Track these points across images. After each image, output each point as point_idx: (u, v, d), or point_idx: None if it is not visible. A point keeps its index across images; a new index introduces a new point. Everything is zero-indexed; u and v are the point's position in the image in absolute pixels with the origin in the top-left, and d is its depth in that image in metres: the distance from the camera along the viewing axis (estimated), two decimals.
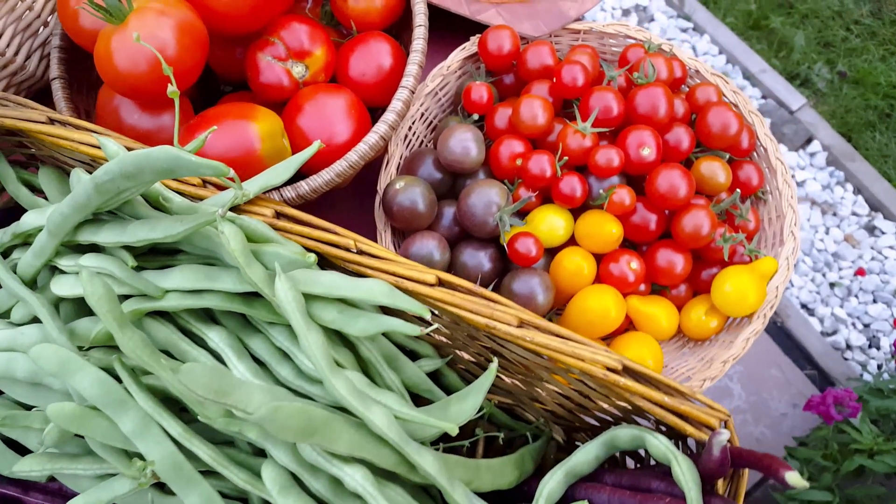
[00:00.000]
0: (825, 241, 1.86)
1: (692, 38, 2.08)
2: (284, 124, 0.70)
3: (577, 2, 0.82)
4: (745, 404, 1.74)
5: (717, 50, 2.06)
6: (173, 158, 0.48)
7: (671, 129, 0.72)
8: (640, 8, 2.14)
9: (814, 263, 1.83)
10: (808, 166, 1.93)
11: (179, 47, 0.63)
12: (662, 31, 2.09)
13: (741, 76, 2.03)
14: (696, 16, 2.09)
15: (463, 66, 0.80)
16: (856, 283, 1.82)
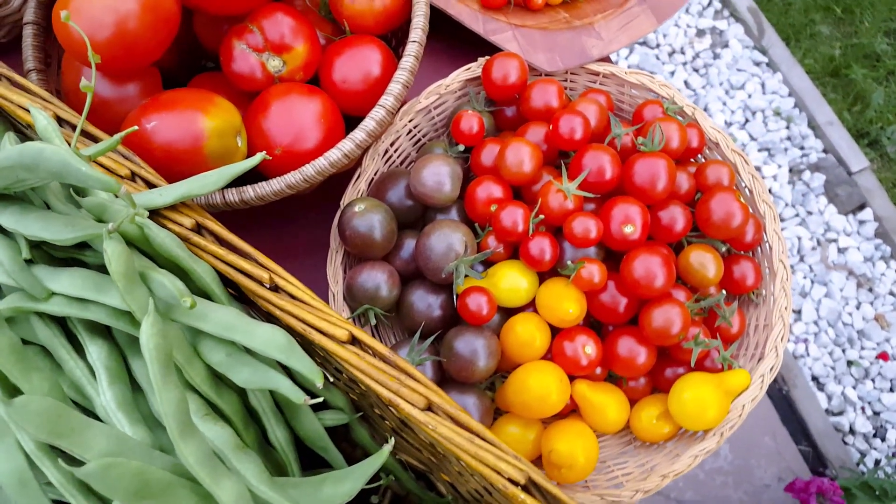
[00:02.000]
0: (853, 316, 1.74)
1: (763, 74, 1.95)
2: (247, 121, 0.65)
3: (602, 41, 0.73)
4: (730, 466, 1.66)
5: (787, 91, 1.93)
6: (63, 164, 0.43)
7: (667, 207, 0.64)
8: (717, 31, 2.01)
9: (836, 336, 1.72)
10: (855, 234, 1.81)
11: (141, 23, 0.57)
12: (734, 59, 1.96)
13: (806, 124, 1.90)
14: (773, 51, 1.96)
15: (464, 87, 0.73)
16: (876, 366, 1.71)
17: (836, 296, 1.75)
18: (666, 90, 0.71)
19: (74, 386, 0.51)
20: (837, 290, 1.75)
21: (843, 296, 1.76)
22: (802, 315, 1.73)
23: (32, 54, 0.68)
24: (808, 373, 1.72)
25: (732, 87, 1.95)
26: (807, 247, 1.80)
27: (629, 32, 0.74)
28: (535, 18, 0.76)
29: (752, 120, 1.92)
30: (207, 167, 0.60)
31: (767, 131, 1.91)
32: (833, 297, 1.75)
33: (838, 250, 1.80)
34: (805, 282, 1.76)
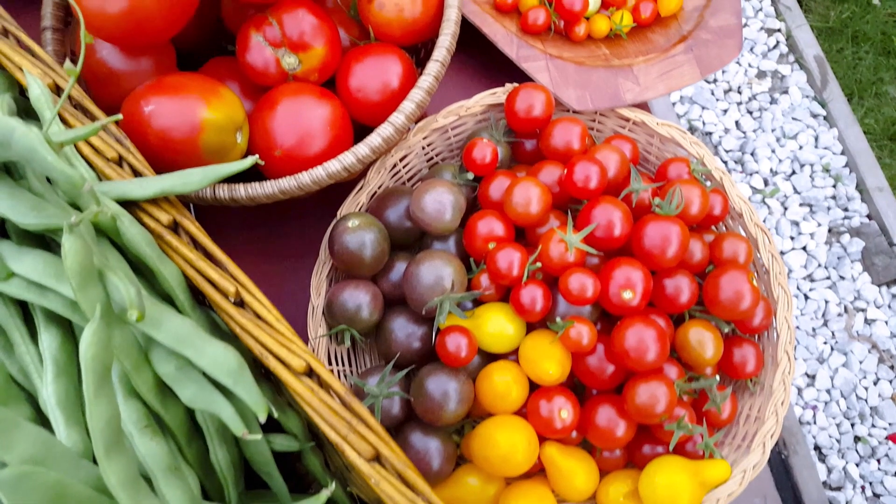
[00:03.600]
0: (869, 391, 1.68)
1: (819, 127, 1.87)
2: (253, 116, 0.62)
3: (639, 86, 0.69)
4: None
5: (841, 149, 1.86)
6: (30, 150, 0.41)
7: (674, 276, 0.60)
8: (778, 75, 1.94)
9: (847, 409, 1.66)
10: (886, 307, 1.74)
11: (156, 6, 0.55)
12: (792, 107, 1.89)
13: (854, 186, 1.83)
14: (833, 105, 1.88)
15: (486, 111, 0.70)
16: (884, 447, 1.65)
17: (855, 367, 1.69)
18: (697, 149, 0.67)
19: (23, 371, 0.50)
20: (857, 361, 1.69)
21: (861, 368, 1.70)
22: (816, 381, 1.67)
23: (51, 11, 0.66)
24: (812, 441, 1.66)
25: (785, 135, 1.88)
26: (833, 312, 1.73)
27: (669, 81, 0.69)
28: (572, 50, 0.72)
29: (799, 173, 1.85)
30: (201, 160, 0.58)
31: (813, 186, 1.84)
32: (851, 368, 1.68)
33: (865, 321, 1.73)
34: (825, 347, 1.70)
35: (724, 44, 0.71)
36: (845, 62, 1.96)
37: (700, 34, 0.72)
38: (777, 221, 1.81)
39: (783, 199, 1.83)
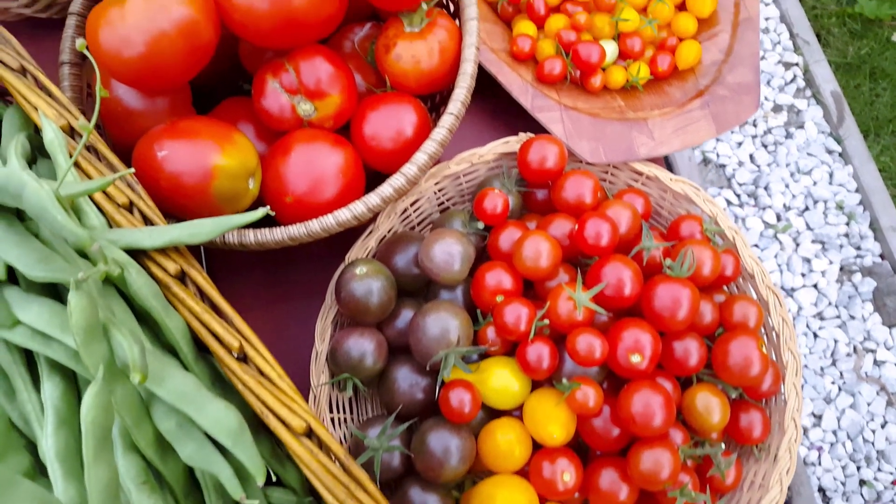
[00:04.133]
0: (877, 434, 1.66)
1: (834, 164, 1.86)
2: (266, 160, 0.62)
3: (653, 141, 0.69)
4: None
5: (855, 187, 1.84)
6: (40, 207, 0.41)
7: (683, 338, 0.60)
8: (794, 110, 1.93)
9: (853, 452, 1.64)
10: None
11: (173, 47, 0.55)
12: (807, 142, 1.88)
13: (868, 224, 1.81)
14: (849, 142, 1.87)
15: (498, 159, 0.69)
16: (889, 492, 1.63)
17: (863, 409, 1.67)
18: (710, 207, 0.66)
19: (24, 418, 0.50)
20: (865, 403, 1.67)
21: (869, 410, 1.68)
22: (822, 421, 1.65)
23: (69, 46, 0.66)
24: (816, 483, 1.64)
25: (799, 170, 1.87)
26: (842, 352, 1.71)
27: (684, 137, 0.69)
28: (587, 101, 0.72)
29: (813, 209, 1.83)
30: (212, 205, 0.58)
31: (826, 223, 1.82)
32: (859, 409, 1.66)
33: (874, 362, 1.71)
34: (832, 387, 1.68)
35: (740, 100, 0.70)
36: (862, 98, 1.95)
37: (717, 90, 0.71)
38: (789, 258, 1.80)
39: (795, 235, 1.82)
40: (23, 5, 0.75)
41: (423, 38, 0.62)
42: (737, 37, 0.73)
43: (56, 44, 0.81)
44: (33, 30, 0.83)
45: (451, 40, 0.63)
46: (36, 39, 0.83)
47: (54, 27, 0.82)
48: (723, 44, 0.73)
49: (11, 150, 0.55)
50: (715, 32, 0.75)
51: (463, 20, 0.63)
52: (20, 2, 0.74)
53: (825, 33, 2.03)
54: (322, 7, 0.58)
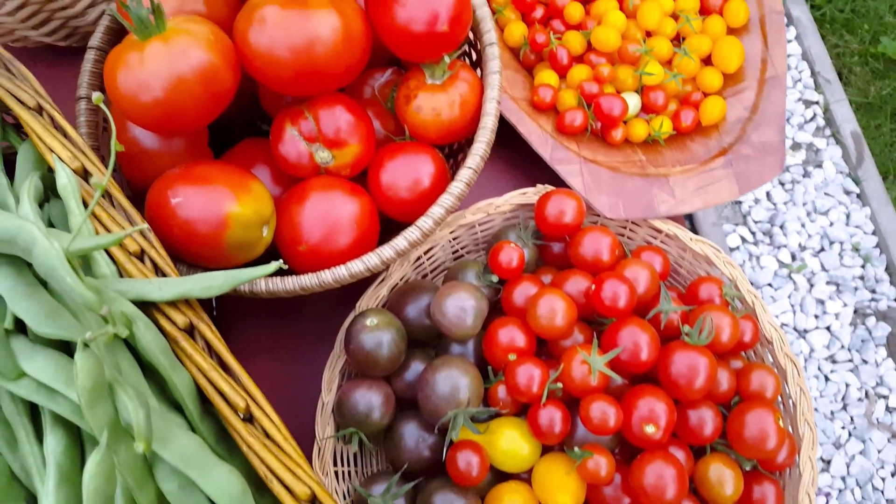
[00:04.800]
0: (886, 483, 1.63)
1: (851, 205, 1.84)
2: (281, 206, 0.61)
3: (674, 199, 0.68)
4: None
5: (872, 229, 1.82)
6: (50, 267, 0.41)
7: (698, 407, 0.58)
8: (813, 148, 1.91)
9: (861, 499, 1.61)
10: None
11: (192, 93, 0.54)
12: (825, 182, 1.86)
13: (884, 268, 1.79)
14: (868, 184, 1.85)
15: (515, 210, 0.68)
16: None
17: (873, 456, 1.64)
18: (730, 269, 0.65)
19: (25, 470, 0.49)
20: (875, 450, 1.64)
21: (880, 458, 1.65)
22: (831, 467, 1.62)
23: (88, 80, 0.66)
24: None
25: (816, 210, 1.85)
26: (853, 396, 1.69)
27: (705, 197, 0.68)
28: (608, 154, 0.71)
29: (828, 250, 1.81)
30: (224, 254, 0.57)
31: (841, 265, 1.80)
32: (869, 456, 1.64)
33: (886, 408, 1.68)
34: (842, 433, 1.66)
35: (764, 161, 0.69)
36: (882, 140, 1.93)
37: (741, 149, 0.70)
38: (802, 298, 1.78)
39: (810, 276, 1.80)
40: (43, 34, 0.74)
41: (445, 91, 0.62)
42: (763, 95, 0.71)
43: (75, 71, 0.81)
44: (53, 56, 0.83)
45: (473, 93, 0.62)
46: (55, 66, 0.83)
47: (74, 54, 0.82)
48: (748, 101, 0.72)
49: (24, 193, 0.54)
50: (741, 89, 0.73)
51: (485, 73, 0.62)
52: (41, 31, 0.74)
53: (847, 72, 2.01)
54: (345, 57, 0.58)
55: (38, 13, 0.71)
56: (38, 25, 0.73)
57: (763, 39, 0.74)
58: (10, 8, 0.68)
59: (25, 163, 0.61)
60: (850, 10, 2.05)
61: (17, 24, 0.71)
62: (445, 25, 0.57)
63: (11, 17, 0.70)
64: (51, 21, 0.73)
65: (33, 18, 0.71)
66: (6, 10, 0.68)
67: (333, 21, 0.56)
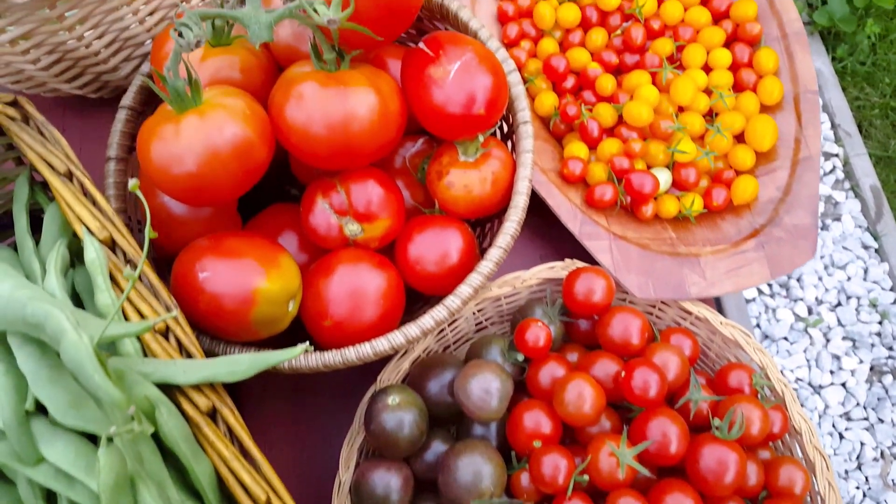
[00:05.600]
0: None
1: (869, 260, 1.82)
2: (308, 277, 0.61)
3: (705, 281, 0.67)
4: None
5: (890, 285, 1.80)
6: (77, 363, 0.40)
7: (725, 503, 0.57)
8: (832, 201, 1.90)
9: None
10: None
11: (225, 168, 0.54)
12: (843, 235, 1.85)
13: None
14: (887, 239, 1.83)
15: (543, 284, 0.67)
16: None
17: None
18: (760, 356, 0.64)
19: None
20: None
21: None
22: None
23: (118, 141, 0.65)
24: None
25: (833, 264, 1.83)
26: (868, 456, 1.66)
27: (737, 280, 0.67)
28: (637, 230, 0.70)
29: (845, 305, 1.79)
30: (249, 330, 0.56)
31: (858, 321, 1.78)
32: None
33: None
34: (857, 493, 1.63)
35: (797, 244, 0.68)
36: None
37: (773, 231, 0.69)
38: (818, 353, 1.75)
39: (826, 331, 1.78)
40: (76, 87, 0.75)
41: (477, 168, 0.61)
42: (795, 176, 0.71)
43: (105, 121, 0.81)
44: (84, 106, 0.83)
45: (505, 171, 0.62)
46: (85, 115, 0.83)
47: (105, 105, 0.82)
48: (780, 181, 0.71)
49: (51, 265, 0.54)
50: (773, 168, 0.73)
51: (518, 151, 0.62)
52: (73, 84, 0.74)
53: (867, 125, 2.00)
54: (380, 135, 0.57)
55: (71, 68, 0.71)
56: (70, 79, 0.73)
57: (797, 118, 0.73)
58: (45, 63, 0.69)
59: (52, 225, 0.60)
60: (872, 64, 2.05)
61: (50, 78, 0.71)
62: (482, 109, 0.57)
63: (45, 72, 0.70)
64: (83, 75, 0.73)
65: (67, 73, 0.71)
66: (41, 65, 0.69)
67: (371, 100, 0.56)
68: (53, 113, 0.82)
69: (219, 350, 0.58)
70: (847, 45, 2.04)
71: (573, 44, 0.79)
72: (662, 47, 0.77)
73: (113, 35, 0.69)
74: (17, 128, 0.59)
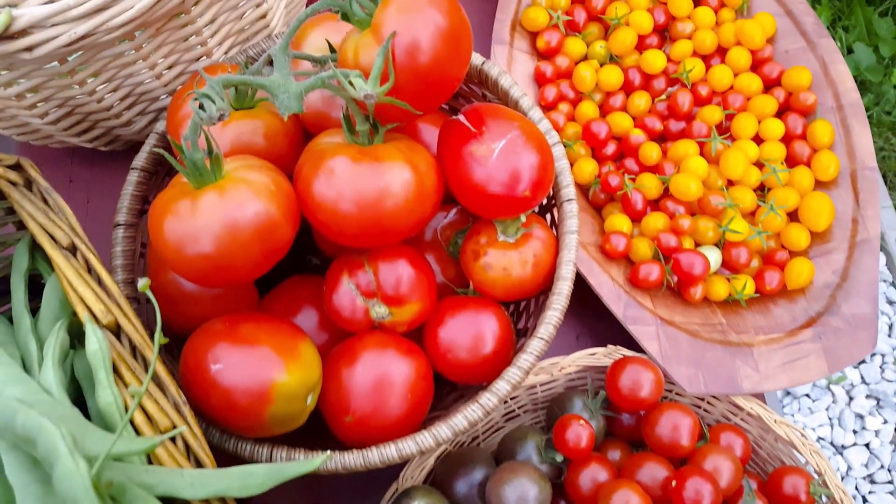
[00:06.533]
0: None
1: (893, 316, 1.77)
2: (327, 366, 0.55)
3: (758, 374, 0.61)
4: None
5: None
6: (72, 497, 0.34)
7: None
8: None
9: None
10: None
11: (245, 249, 0.49)
12: None
13: None
14: None
15: (583, 372, 0.62)
16: None
17: None
18: (816, 460, 0.58)
19: None
20: None
21: None
22: None
23: (127, 205, 0.61)
24: None
25: None
26: None
27: (792, 374, 0.61)
28: (685, 314, 0.65)
29: (869, 362, 1.73)
30: (263, 427, 0.51)
31: (882, 378, 1.72)
32: None
33: None
34: None
35: (856, 336, 0.63)
36: None
37: (830, 320, 0.64)
38: (840, 412, 1.69)
39: (849, 388, 1.72)
40: (85, 140, 0.70)
41: (517, 249, 0.56)
42: (853, 260, 0.66)
43: (115, 174, 0.77)
44: (92, 156, 0.78)
45: (547, 252, 0.57)
46: (93, 166, 0.78)
47: (114, 158, 0.78)
48: (837, 265, 0.66)
49: (49, 354, 0.49)
50: (828, 249, 0.68)
51: (562, 232, 0.57)
52: (83, 137, 0.69)
53: (892, 175, 1.96)
54: (415, 213, 0.52)
55: (81, 122, 0.67)
56: (80, 133, 0.68)
57: (854, 197, 0.68)
58: (53, 118, 0.64)
59: (52, 299, 0.55)
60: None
61: (58, 132, 0.67)
62: (528, 191, 0.52)
63: (53, 126, 0.65)
64: (94, 129, 0.69)
65: (76, 127, 0.67)
66: (48, 119, 0.64)
67: (406, 176, 0.51)
68: (60, 163, 0.78)
69: (229, 445, 0.53)
70: (873, 94, 2.00)
71: (614, 108, 0.75)
72: (711, 115, 0.72)
73: (127, 90, 0.64)
74: (19, 194, 0.55)
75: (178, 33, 0.61)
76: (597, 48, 0.77)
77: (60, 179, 0.78)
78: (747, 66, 0.75)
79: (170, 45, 0.62)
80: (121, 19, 0.54)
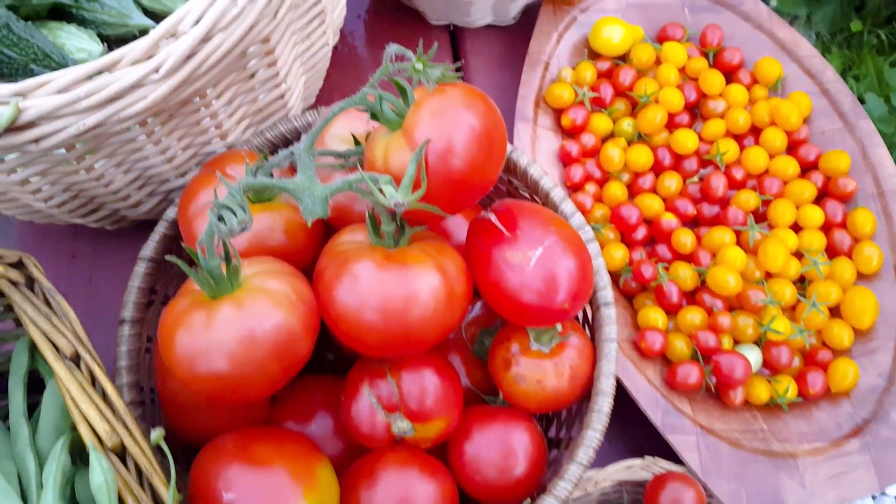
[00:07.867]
0: None
1: None
2: (344, 485, 0.51)
3: (804, 489, 0.57)
4: None
5: None
6: None
7: None
8: None
9: None
10: None
11: (261, 369, 0.45)
12: None
13: None
14: None
15: (618, 486, 0.58)
16: None
17: None
18: None
19: None
20: None
21: None
22: None
23: (134, 299, 0.57)
24: None
25: None
26: None
27: (840, 488, 0.57)
28: (725, 419, 0.61)
29: None
30: None
31: None
32: None
33: None
34: None
35: None
36: None
37: (879, 429, 0.60)
38: None
39: None
40: (91, 221, 0.66)
41: (552, 359, 0.52)
42: None
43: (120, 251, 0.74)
44: (97, 234, 0.75)
45: (584, 362, 0.53)
46: (98, 243, 0.75)
47: (120, 235, 0.74)
48: (883, 366, 0.63)
49: (49, 482, 0.45)
50: (873, 349, 0.64)
51: (598, 339, 0.53)
52: (89, 218, 0.66)
53: None
54: (443, 321, 0.49)
55: (86, 204, 0.63)
56: (85, 214, 0.65)
57: None
58: (58, 201, 0.61)
59: (52, 406, 0.52)
60: None
61: (64, 214, 0.63)
62: (566, 303, 0.48)
63: (58, 209, 0.62)
64: (100, 210, 0.65)
65: (82, 209, 0.64)
66: (53, 203, 0.61)
67: (434, 283, 0.48)
68: (62, 238, 0.75)
69: None
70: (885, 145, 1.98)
71: (643, 188, 0.72)
72: (747, 201, 0.69)
73: (136, 173, 0.61)
74: (21, 296, 0.51)
75: (193, 117, 0.58)
76: (623, 126, 0.74)
77: (62, 255, 0.74)
78: (783, 147, 0.72)
79: (183, 128, 0.59)
80: (133, 110, 0.51)
